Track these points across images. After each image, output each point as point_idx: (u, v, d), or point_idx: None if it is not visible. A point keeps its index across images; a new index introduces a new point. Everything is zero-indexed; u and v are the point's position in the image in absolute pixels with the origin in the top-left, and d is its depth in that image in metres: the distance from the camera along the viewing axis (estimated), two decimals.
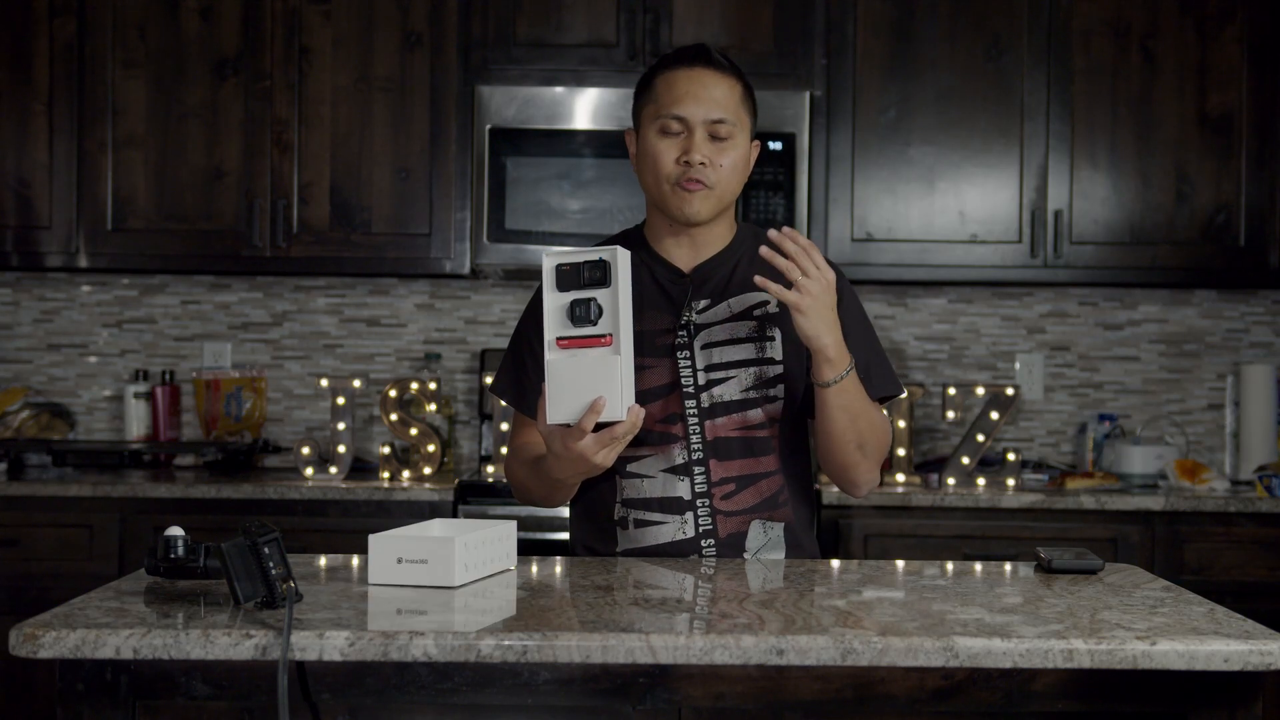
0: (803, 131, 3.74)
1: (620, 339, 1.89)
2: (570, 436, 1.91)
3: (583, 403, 1.88)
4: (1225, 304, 4.19)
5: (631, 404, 1.91)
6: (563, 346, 1.90)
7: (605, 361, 1.89)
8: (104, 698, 1.59)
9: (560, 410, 1.90)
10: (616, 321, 1.89)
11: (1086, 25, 3.83)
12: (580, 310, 1.89)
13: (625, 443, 1.94)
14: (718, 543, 2.13)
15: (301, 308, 4.17)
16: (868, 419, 2.08)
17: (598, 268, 1.89)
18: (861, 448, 2.10)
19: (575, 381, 1.89)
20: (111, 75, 3.82)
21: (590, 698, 1.60)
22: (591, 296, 1.89)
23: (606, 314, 1.89)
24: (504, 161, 3.74)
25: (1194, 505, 3.55)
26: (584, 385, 1.89)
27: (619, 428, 1.90)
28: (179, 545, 1.75)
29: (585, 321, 1.89)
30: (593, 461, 1.93)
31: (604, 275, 1.88)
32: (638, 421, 1.91)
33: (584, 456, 1.92)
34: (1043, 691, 1.61)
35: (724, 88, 2.13)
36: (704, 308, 2.15)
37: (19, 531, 3.53)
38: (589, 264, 1.89)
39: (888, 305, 4.18)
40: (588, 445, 1.91)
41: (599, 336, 1.90)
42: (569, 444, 1.92)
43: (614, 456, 1.94)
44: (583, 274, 1.89)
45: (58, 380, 4.18)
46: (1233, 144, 3.83)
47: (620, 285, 1.89)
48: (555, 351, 1.91)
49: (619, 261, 1.89)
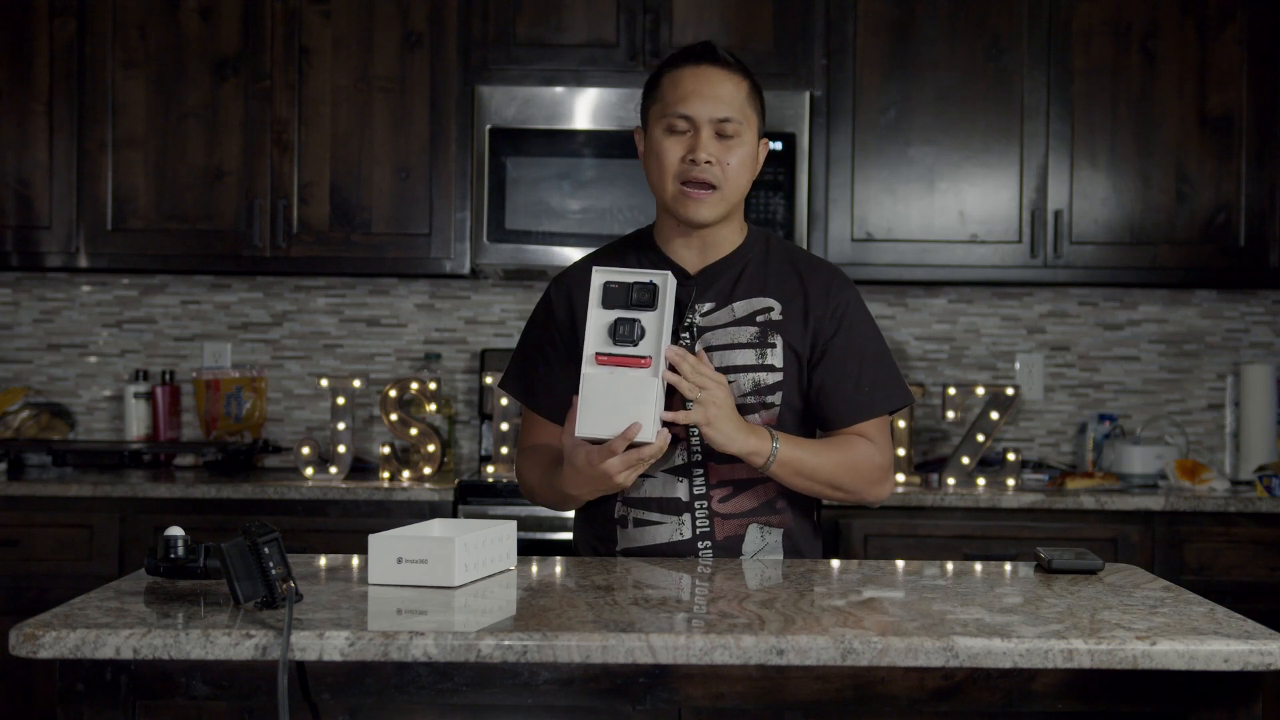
0: (803, 131, 3.74)
1: (658, 364, 1.93)
2: (597, 454, 1.94)
3: (614, 420, 1.92)
4: (1225, 304, 4.19)
5: (661, 429, 1.94)
6: (601, 363, 1.94)
7: (642, 383, 1.92)
8: (104, 698, 1.59)
9: (590, 425, 1.93)
10: (659, 345, 1.93)
11: (1086, 25, 3.83)
12: (624, 329, 1.93)
13: (647, 465, 1.97)
14: (714, 545, 2.13)
15: (301, 308, 4.17)
16: (830, 466, 2.10)
17: (646, 290, 1.93)
18: (838, 488, 2.13)
19: (610, 398, 1.92)
20: (111, 75, 3.82)
21: (590, 698, 1.60)
22: (636, 318, 1.93)
23: (649, 337, 1.93)
24: (504, 161, 3.74)
25: (1194, 505, 3.55)
26: (618, 403, 1.92)
27: (645, 450, 1.94)
28: (179, 545, 1.75)
29: (627, 341, 1.93)
30: (614, 481, 1.96)
31: (652, 299, 1.93)
32: (664, 446, 1.95)
33: (607, 475, 1.95)
34: (1043, 691, 1.61)
35: (730, 86, 2.12)
36: (708, 310, 2.15)
37: (19, 531, 3.53)
38: (639, 285, 1.93)
39: (888, 305, 4.18)
40: (613, 465, 1.94)
41: (639, 358, 1.93)
42: (594, 461, 1.94)
43: (634, 478, 1.98)
44: (631, 294, 1.93)
45: (58, 380, 4.18)
46: (1233, 144, 3.83)
47: (665, 311, 1.93)
48: (593, 366, 1.94)
49: (668, 287, 1.93)
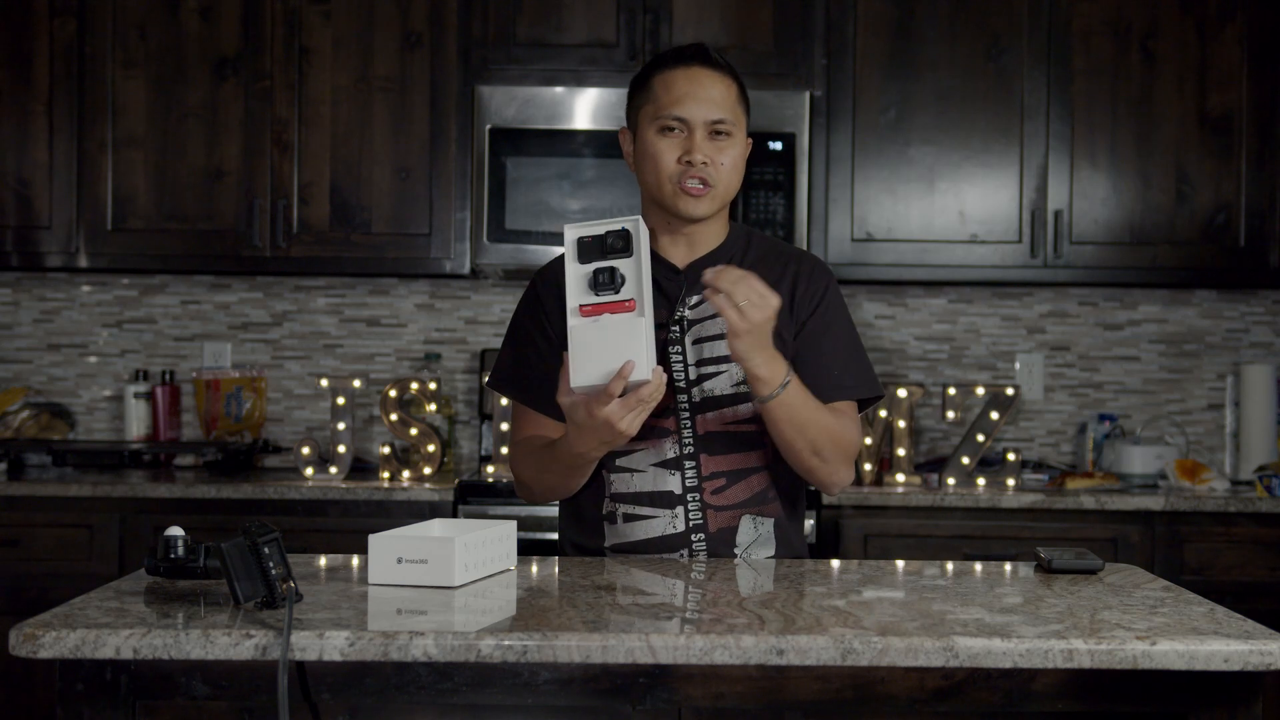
0: (803, 131, 3.74)
1: (643, 304, 1.92)
2: (597, 403, 1.92)
3: (608, 367, 1.91)
4: (1225, 304, 4.19)
5: (655, 365, 1.93)
6: (586, 314, 1.93)
7: (630, 325, 1.92)
8: (104, 698, 1.59)
9: (584, 374, 1.92)
10: (640, 287, 1.93)
11: (1086, 25, 3.83)
12: (604, 277, 1.93)
13: (651, 407, 1.95)
14: (708, 537, 2.13)
15: (301, 308, 4.17)
16: (819, 426, 2.07)
17: (620, 236, 1.93)
18: (818, 454, 2.09)
19: (600, 346, 1.92)
20: (111, 75, 3.82)
21: (590, 698, 1.60)
22: (614, 265, 1.93)
23: (630, 280, 1.93)
24: (504, 161, 3.74)
25: (1194, 505, 3.55)
26: (609, 349, 1.91)
27: (644, 390, 1.92)
28: (179, 545, 1.75)
29: (609, 288, 1.93)
30: (618, 428, 1.93)
31: (626, 244, 1.93)
32: (662, 384, 1.93)
33: (609, 422, 1.93)
34: (1043, 691, 1.61)
35: (721, 87, 2.14)
36: (696, 303, 2.16)
37: (19, 531, 3.53)
38: (612, 233, 1.94)
39: (888, 305, 4.18)
40: (614, 410, 1.92)
41: (623, 301, 1.93)
42: (594, 410, 1.92)
43: (639, 424, 1.95)
44: (606, 243, 1.94)
45: (58, 380, 4.18)
46: (1233, 144, 3.83)
47: (642, 253, 1.93)
48: (578, 318, 1.94)
49: (640, 231, 1.94)
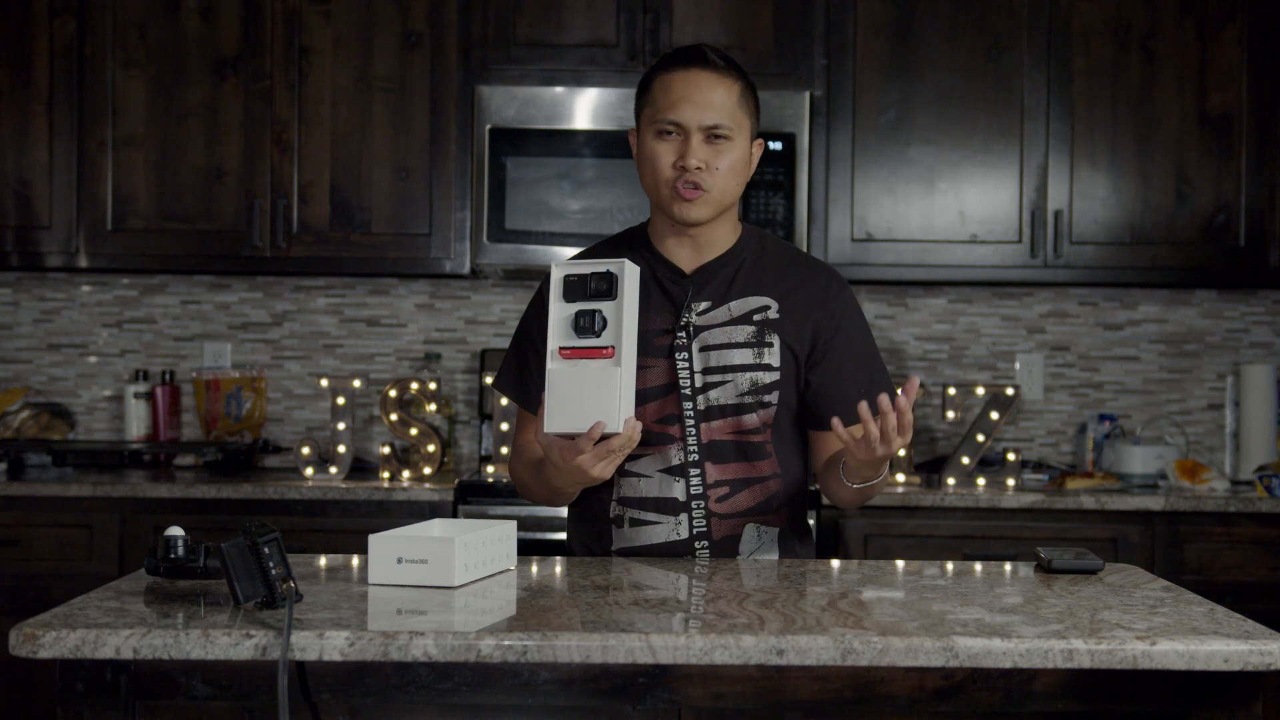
0: (803, 131, 3.74)
1: (622, 352, 1.90)
2: (569, 450, 1.93)
3: (581, 413, 1.90)
4: (1225, 304, 4.19)
5: (629, 416, 1.92)
6: (565, 356, 1.92)
7: (605, 374, 1.90)
8: (104, 698, 1.59)
9: (558, 420, 1.92)
10: (620, 334, 1.90)
11: (1086, 25, 3.83)
12: (584, 321, 1.91)
13: (622, 456, 1.97)
14: (711, 545, 2.13)
15: (301, 308, 4.17)
16: (876, 488, 2.12)
17: (604, 279, 1.91)
18: (865, 501, 2.16)
19: (575, 391, 1.91)
20: (111, 75, 3.82)
21: (590, 698, 1.60)
22: (597, 309, 1.91)
23: (610, 326, 1.91)
24: (504, 161, 3.74)
25: (1194, 505, 3.55)
26: (583, 396, 1.90)
27: (615, 441, 1.92)
28: (179, 545, 1.75)
29: (589, 333, 1.91)
30: (590, 474, 1.96)
31: (610, 288, 1.91)
32: (634, 435, 1.93)
33: (582, 469, 1.95)
34: (1043, 691, 1.61)
35: (721, 90, 2.11)
36: (704, 309, 2.15)
37: (19, 531, 3.53)
38: (596, 275, 1.91)
39: (888, 305, 4.18)
40: (585, 460, 1.93)
41: (601, 348, 1.91)
42: (567, 457, 1.94)
43: (612, 469, 1.97)
44: (589, 285, 1.91)
45: (58, 380, 4.18)
46: (1233, 144, 3.83)
47: (626, 299, 1.91)
48: (558, 361, 1.93)
49: (626, 275, 1.91)
